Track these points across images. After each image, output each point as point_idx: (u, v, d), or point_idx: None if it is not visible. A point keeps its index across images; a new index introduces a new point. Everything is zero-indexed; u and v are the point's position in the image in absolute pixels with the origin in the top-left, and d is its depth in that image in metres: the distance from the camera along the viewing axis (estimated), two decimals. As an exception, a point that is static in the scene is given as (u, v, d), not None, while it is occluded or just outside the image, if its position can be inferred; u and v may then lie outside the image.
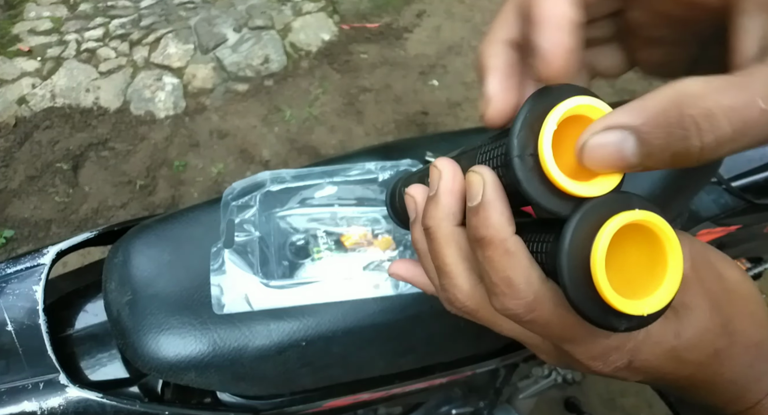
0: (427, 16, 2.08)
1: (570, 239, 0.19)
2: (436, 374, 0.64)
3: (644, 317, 0.19)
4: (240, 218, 0.53)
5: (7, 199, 1.60)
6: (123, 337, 0.49)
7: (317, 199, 0.58)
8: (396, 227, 0.57)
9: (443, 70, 1.89)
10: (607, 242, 0.18)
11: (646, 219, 0.19)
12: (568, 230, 0.19)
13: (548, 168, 0.19)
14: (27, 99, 1.81)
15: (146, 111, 1.80)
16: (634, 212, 0.19)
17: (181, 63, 1.91)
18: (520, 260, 0.21)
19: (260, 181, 0.56)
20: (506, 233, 0.21)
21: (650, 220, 0.19)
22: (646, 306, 0.19)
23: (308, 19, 2.04)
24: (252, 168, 1.66)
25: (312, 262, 0.54)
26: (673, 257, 0.19)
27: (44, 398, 0.48)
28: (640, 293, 0.20)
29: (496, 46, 0.23)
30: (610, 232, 0.18)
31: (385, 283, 0.50)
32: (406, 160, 0.57)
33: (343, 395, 0.62)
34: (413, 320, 0.51)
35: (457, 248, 0.24)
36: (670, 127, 0.17)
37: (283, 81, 1.86)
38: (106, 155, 1.70)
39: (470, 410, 0.82)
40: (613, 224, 0.19)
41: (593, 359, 0.22)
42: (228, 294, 0.49)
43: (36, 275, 0.52)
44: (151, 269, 0.52)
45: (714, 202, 0.73)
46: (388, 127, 1.75)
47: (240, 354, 0.49)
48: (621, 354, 0.22)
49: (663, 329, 0.22)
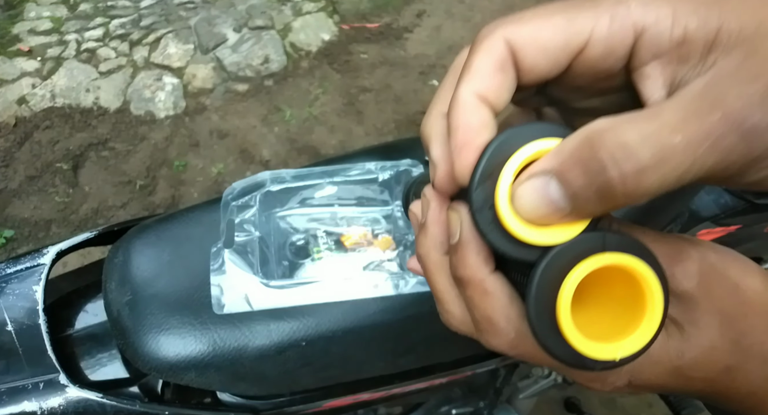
0: (427, 16, 2.08)
1: (535, 289, 0.19)
2: (436, 374, 0.64)
3: (617, 362, 0.19)
4: (240, 218, 0.53)
5: (7, 199, 1.60)
6: (123, 337, 0.49)
7: (317, 199, 0.58)
8: (396, 227, 0.57)
9: (443, 70, 1.89)
10: (571, 292, 0.18)
11: (617, 262, 0.18)
12: (533, 281, 0.19)
13: (507, 223, 0.19)
14: (27, 99, 1.81)
15: (146, 111, 1.80)
16: (603, 256, 0.18)
17: (181, 63, 1.91)
18: (499, 299, 0.21)
19: (260, 181, 0.56)
20: (483, 273, 0.22)
21: (622, 263, 0.18)
22: (619, 350, 0.19)
23: (308, 19, 2.04)
24: (252, 168, 1.66)
25: (312, 262, 0.54)
26: (651, 298, 0.19)
27: (44, 398, 0.48)
28: (618, 333, 0.19)
29: (436, 119, 0.24)
30: (574, 281, 0.18)
31: (385, 283, 0.50)
32: (406, 160, 0.57)
33: (343, 395, 0.62)
34: (413, 320, 0.51)
35: (446, 275, 0.25)
36: (586, 163, 0.17)
37: (283, 81, 1.86)
38: (106, 155, 1.70)
39: (470, 410, 0.82)
40: (577, 273, 0.18)
41: (590, 380, 0.22)
42: (228, 294, 0.49)
43: (36, 275, 0.52)
44: (151, 269, 0.52)
45: (714, 202, 0.73)
46: (388, 127, 1.75)
47: (240, 354, 0.49)
48: (619, 376, 0.22)
49: (664, 349, 0.21)
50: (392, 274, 0.51)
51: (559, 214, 0.18)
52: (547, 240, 0.19)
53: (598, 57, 0.20)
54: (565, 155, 0.18)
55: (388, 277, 0.51)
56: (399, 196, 0.57)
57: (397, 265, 0.54)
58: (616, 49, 0.19)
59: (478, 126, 0.20)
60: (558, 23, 0.19)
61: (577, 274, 0.18)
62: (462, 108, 0.20)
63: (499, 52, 0.20)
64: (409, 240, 0.55)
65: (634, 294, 0.19)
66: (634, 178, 0.16)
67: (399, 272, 0.52)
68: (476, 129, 0.20)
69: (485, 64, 0.20)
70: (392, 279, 0.51)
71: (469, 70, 0.21)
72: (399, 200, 0.57)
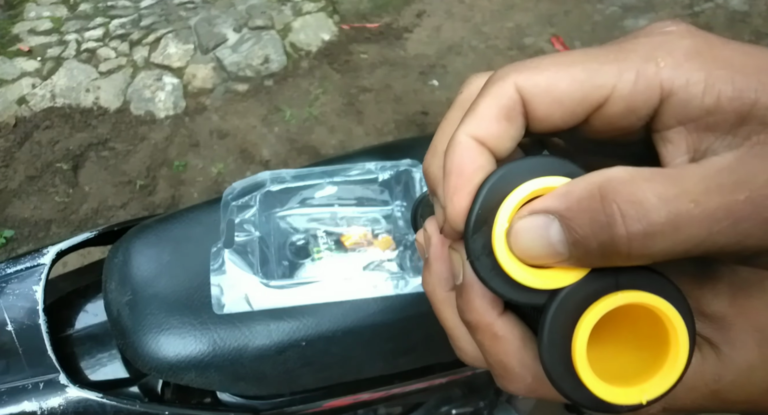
0: (427, 16, 2.08)
1: (547, 337, 0.18)
2: (436, 374, 0.64)
3: (643, 405, 0.17)
4: (240, 218, 0.53)
5: (7, 199, 1.60)
6: (123, 337, 0.49)
7: (317, 200, 0.58)
8: (396, 227, 0.57)
9: (443, 70, 1.89)
10: (585, 339, 0.17)
11: (633, 302, 0.17)
12: (543, 329, 0.18)
13: (508, 270, 0.18)
14: (27, 99, 1.81)
15: (146, 111, 1.80)
16: (617, 297, 0.17)
17: (181, 63, 1.91)
18: (511, 343, 0.20)
19: (260, 181, 0.56)
20: (491, 317, 0.20)
21: (638, 301, 0.17)
22: (644, 393, 0.17)
23: (308, 19, 2.04)
24: (252, 168, 1.66)
25: (312, 262, 0.54)
26: (675, 336, 0.17)
27: (44, 398, 0.48)
28: (641, 373, 0.18)
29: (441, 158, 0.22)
30: (587, 327, 0.17)
31: (385, 283, 0.50)
32: (406, 160, 0.57)
33: (343, 395, 0.62)
34: (413, 320, 0.51)
35: (454, 311, 0.23)
36: (593, 213, 0.16)
37: (283, 81, 1.86)
38: (106, 155, 1.70)
39: (470, 410, 0.82)
40: (590, 318, 0.17)
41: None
42: (228, 294, 0.49)
43: (36, 275, 0.52)
44: (151, 269, 0.52)
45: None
46: (388, 127, 1.75)
47: (240, 354, 0.49)
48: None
49: (700, 374, 0.20)
50: (392, 274, 0.51)
51: (556, 258, 0.17)
52: (553, 283, 0.18)
53: (618, 114, 0.18)
54: (572, 199, 0.16)
55: (388, 277, 0.51)
56: (399, 196, 0.57)
57: (397, 265, 0.54)
58: (638, 109, 0.18)
59: (473, 170, 0.19)
60: (577, 75, 0.18)
61: (590, 319, 0.17)
62: (458, 150, 0.19)
63: (508, 100, 0.19)
64: (409, 240, 0.55)
65: (655, 330, 0.18)
66: (642, 241, 0.15)
67: (399, 272, 0.52)
68: (470, 173, 0.19)
69: (490, 109, 0.19)
70: (392, 279, 0.51)
71: (473, 113, 0.19)
72: (399, 200, 0.57)
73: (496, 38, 1.98)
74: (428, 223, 0.24)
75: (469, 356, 0.24)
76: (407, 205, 0.56)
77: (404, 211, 0.56)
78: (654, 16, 1.98)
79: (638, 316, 0.18)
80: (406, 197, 0.56)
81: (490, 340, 0.20)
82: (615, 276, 0.18)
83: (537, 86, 0.18)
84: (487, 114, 0.19)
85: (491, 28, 2.01)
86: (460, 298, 0.21)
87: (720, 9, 1.99)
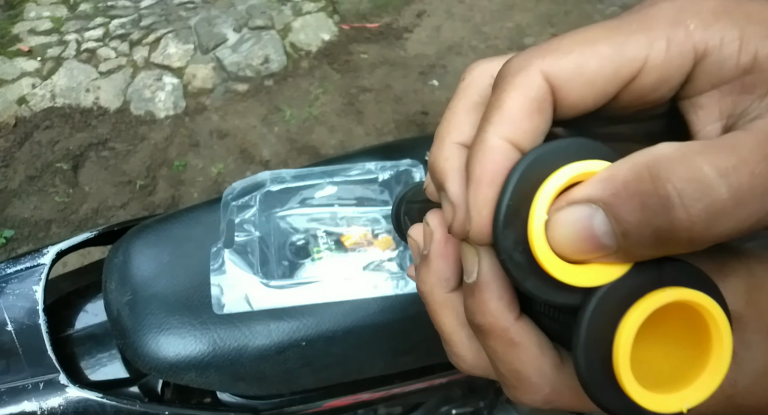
0: (427, 16, 2.08)
1: (585, 338, 0.16)
2: (436, 374, 0.64)
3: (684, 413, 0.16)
4: (240, 218, 0.53)
5: (7, 199, 1.60)
6: (123, 337, 0.49)
7: (317, 199, 0.58)
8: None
9: (443, 70, 1.89)
10: (630, 339, 0.15)
11: (680, 299, 0.15)
12: (580, 328, 0.16)
13: (548, 268, 0.16)
14: (27, 99, 1.81)
15: (146, 111, 1.80)
16: (663, 294, 0.15)
17: (181, 63, 1.91)
18: (528, 350, 0.18)
19: (260, 181, 0.56)
20: (507, 321, 0.18)
21: (685, 299, 0.15)
22: (685, 400, 0.16)
23: (308, 19, 2.04)
24: (252, 168, 1.66)
25: (312, 262, 0.54)
26: (719, 336, 0.16)
27: (44, 398, 0.48)
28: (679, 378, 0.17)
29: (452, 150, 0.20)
30: (631, 327, 0.15)
31: (385, 283, 0.50)
32: (406, 160, 0.57)
33: (343, 395, 0.62)
34: (413, 320, 0.51)
35: (453, 314, 0.22)
36: (645, 196, 0.14)
37: (283, 81, 1.86)
38: (106, 155, 1.70)
39: (470, 410, 0.82)
40: (635, 317, 0.15)
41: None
42: (228, 294, 0.49)
43: (36, 275, 0.52)
44: (151, 269, 0.52)
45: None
46: (388, 127, 1.75)
47: (240, 354, 0.49)
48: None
49: None
50: (392, 274, 0.51)
51: (601, 252, 0.16)
52: (595, 280, 0.16)
53: (650, 86, 0.17)
54: (617, 184, 0.15)
55: (388, 277, 0.51)
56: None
57: (397, 265, 0.54)
58: (671, 78, 0.17)
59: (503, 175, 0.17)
60: (604, 51, 0.16)
61: (634, 319, 0.15)
62: (490, 156, 0.17)
63: (537, 91, 0.17)
64: (409, 240, 0.55)
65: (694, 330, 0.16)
66: (706, 222, 0.14)
67: (399, 272, 0.52)
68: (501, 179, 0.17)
69: (520, 104, 0.17)
70: (392, 279, 0.51)
71: (500, 111, 0.17)
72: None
73: (496, 38, 1.98)
74: (430, 216, 0.22)
75: (467, 364, 0.22)
76: (407, 205, 0.56)
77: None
78: (654, 16, 1.98)
79: (675, 314, 0.16)
80: (406, 197, 0.56)
81: (505, 347, 0.19)
82: (658, 270, 0.16)
83: (565, 70, 0.17)
84: (517, 110, 0.17)
85: (491, 28, 2.01)
86: (472, 298, 0.19)
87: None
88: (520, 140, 0.17)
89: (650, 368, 0.16)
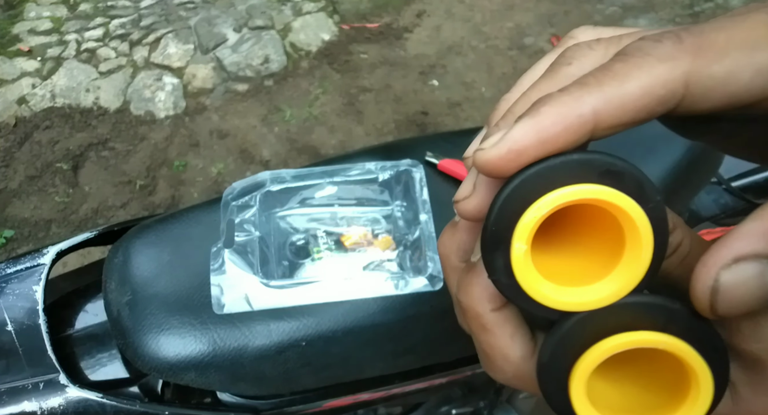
0: (427, 16, 2.08)
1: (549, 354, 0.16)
2: (436, 374, 0.64)
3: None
4: (240, 218, 0.53)
5: (7, 199, 1.60)
6: (123, 337, 0.49)
7: (317, 200, 0.58)
8: (396, 227, 0.57)
9: (443, 70, 1.89)
10: (585, 376, 0.16)
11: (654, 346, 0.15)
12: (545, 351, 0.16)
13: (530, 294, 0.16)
14: (27, 99, 1.81)
15: (146, 111, 1.80)
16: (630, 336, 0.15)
17: (181, 63, 1.91)
18: (498, 337, 0.19)
19: (260, 181, 0.56)
20: (482, 308, 0.19)
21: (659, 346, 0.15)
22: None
23: (308, 19, 2.04)
24: (252, 168, 1.66)
25: (312, 262, 0.54)
26: (696, 386, 0.16)
27: (44, 398, 0.48)
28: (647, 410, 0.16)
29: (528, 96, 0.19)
30: (588, 365, 0.16)
31: (385, 283, 0.50)
32: (406, 160, 0.57)
33: (343, 395, 0.62)
34: (413, 320, 0.51)
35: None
36: None
37: (283, 81, 1.86)
38: (106, 155, 1.70)
39: (470, 410, 0.82)
40: (593, 356, 0.16)
41: None
42: (228, 294, 0.49)
43: (36, 275, 0.52)
44: (151, 269, 0.52)
45: (714, 203, 0.73)
46: (388, 127, 1.75)
47: (240, 354, 0.49)
48: None
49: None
50: (392, 274, 0.51)
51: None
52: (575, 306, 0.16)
53: None
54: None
55: (388, 277, 0.51)
56: (399, 196, 0.57)
57: (397, 265, 0.54)
58: None
59: None
60: (764, 62, 0.14)
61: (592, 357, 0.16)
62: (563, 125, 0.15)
63: (666, 92, 0.15)
64: (409, 240, 0.55)
65: (675, 373, 0.16)
66: None
67: (399, 272, 0.52)
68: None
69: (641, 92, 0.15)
70: (392, 279, 0.51)
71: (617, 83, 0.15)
72: (399, 200, 0.57)
73: (496, 38, 1.98)
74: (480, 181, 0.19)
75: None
76: (407, 205, 0.56)
77: (404, 211, 0.56)
78: (654, 16, 1.98)
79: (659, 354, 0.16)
80: (406, 197, 0.56)
81: (478, 327, 0.20)
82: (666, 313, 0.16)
83: (713, 79, 0.15)
84: (637, 93, 0.15)
85: (491, 28, 2.01)
86: (464, 277, 0.20)
87: (720, 9, 1.99)
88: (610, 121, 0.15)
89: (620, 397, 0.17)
